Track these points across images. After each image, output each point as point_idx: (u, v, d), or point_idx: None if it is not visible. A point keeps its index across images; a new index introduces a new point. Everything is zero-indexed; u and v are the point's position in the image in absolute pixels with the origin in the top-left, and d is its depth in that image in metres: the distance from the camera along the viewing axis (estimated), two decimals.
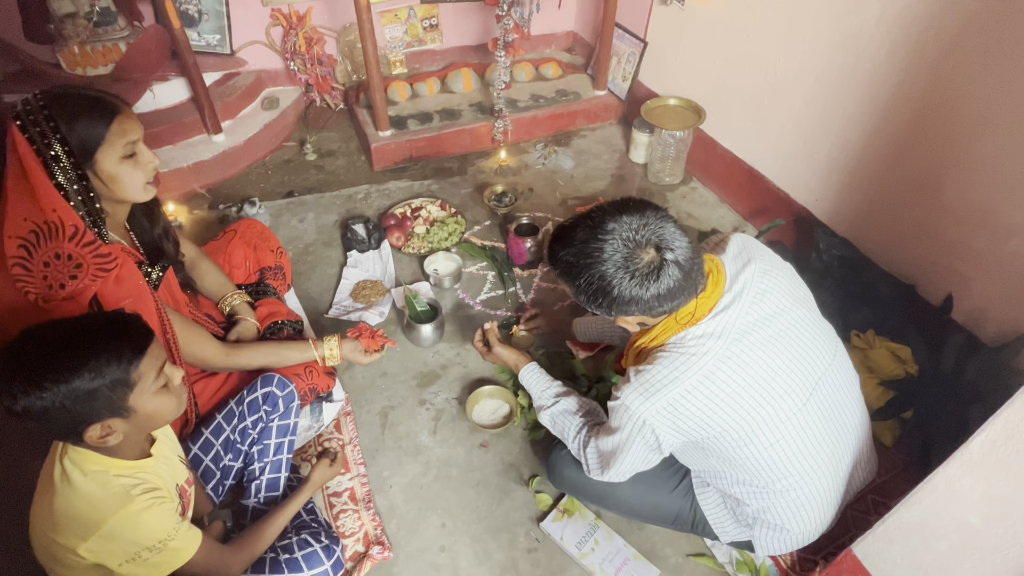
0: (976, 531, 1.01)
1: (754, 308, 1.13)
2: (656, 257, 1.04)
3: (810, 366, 1.16)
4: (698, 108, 2.48)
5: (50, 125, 1.15)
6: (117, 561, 1.02)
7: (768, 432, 1.13)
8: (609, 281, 1.05)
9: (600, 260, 1.05)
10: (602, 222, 1.07)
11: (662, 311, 1.10)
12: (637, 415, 1.12)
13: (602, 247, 1.05)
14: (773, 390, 1.12)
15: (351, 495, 1.59)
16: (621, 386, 1.16)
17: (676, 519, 1.42)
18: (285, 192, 2.60)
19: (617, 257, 1.04)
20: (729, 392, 1.09)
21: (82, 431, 0.96)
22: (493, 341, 1.66)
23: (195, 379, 1.51)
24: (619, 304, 1.07)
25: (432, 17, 3.10)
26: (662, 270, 1.04)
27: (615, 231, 1.05)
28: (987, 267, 1.66)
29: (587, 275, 1.06)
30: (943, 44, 1.62)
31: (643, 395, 1.11)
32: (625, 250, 1.04)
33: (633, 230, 1.05)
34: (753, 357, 1.11)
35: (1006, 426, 0.89)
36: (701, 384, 1.09)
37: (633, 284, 1.04)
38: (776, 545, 1.34)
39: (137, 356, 0.98)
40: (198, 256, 1.70)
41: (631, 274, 1.04)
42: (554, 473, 1.51)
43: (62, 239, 1.15)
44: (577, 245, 1.08)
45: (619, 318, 1.14)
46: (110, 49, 2.49)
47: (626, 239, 1.04)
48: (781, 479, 1.19)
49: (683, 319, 1.12)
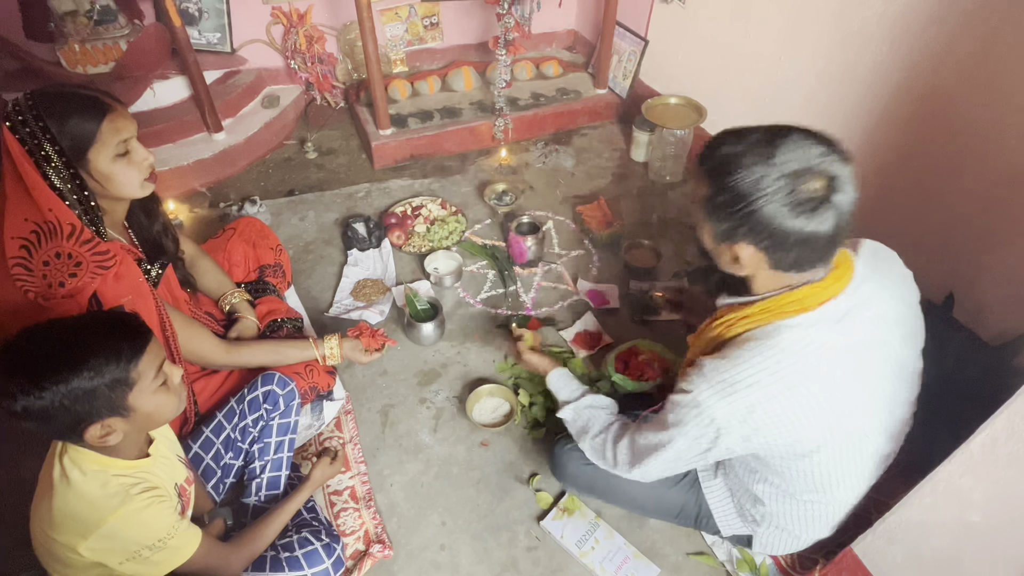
0: (977, 530, 1.01)
1: (865, 329, 1.04)
2: (822, 190, 0.92)
3: (889, 406, 1.12)
4: (699, 107, 2.47)
5: (39, 125, 1.15)
6: (117, 560, 1.02)
7: (826, 454, 1.08)
8: (764, 189, 0.93)
9: (766, 163, 0.93)
10: (786, 132, 0.96)
11: (783, 262, 0.99)
12: (708, 415, 1.03)
13: (775, 152, 0.93)
14: (848, 419, 1.06)
15: (352, 493, 1.59)
16: (689, 377, 1.06)
17: (680, 512, 1.42)
18: (286, 190, 2.60)
19: (786, 168, 0.92)
20: (806, 408, 1.01)
21: (82, 431, 0.96)
22: (523, 349, 1.61)
23: (195, 377, 1.51)
24: (754, 222, 0.95)
25: (433, 15, 3.09)
26: (821, 207, 0.92)
27: (795, 144, 0.94)
28: (988, 265, 1.66)
29: (742, 174, 0.94)
30: (945, 42, 1.61)
31: (720, 393, 1.01)
32: (797, 166, 0.92)
33: (815, 153, 0.93)
34: (842, 380, 1.03)
35: (1007, 425, 0.89)
36: (782, 394, 1.00)
37: (785, 204, 0.92)
38: (777, 546, 1.34)
39: (136, 355, 0.98)
40: (198, 254, 1.69)
41: (789, 193, 0.92)
42: (558, 467, 1.50)
43: (61, 238, 1.15)
44: (748, 142, 0.96)
45: (727, 245, 1.02)
46: (110, 47, 2.49)
47: (803, 157, 0.93)
48: (814, 492, 1.17)
49: (788, 304, 1.02)
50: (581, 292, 2.15)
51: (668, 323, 2.04)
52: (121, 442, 1.02)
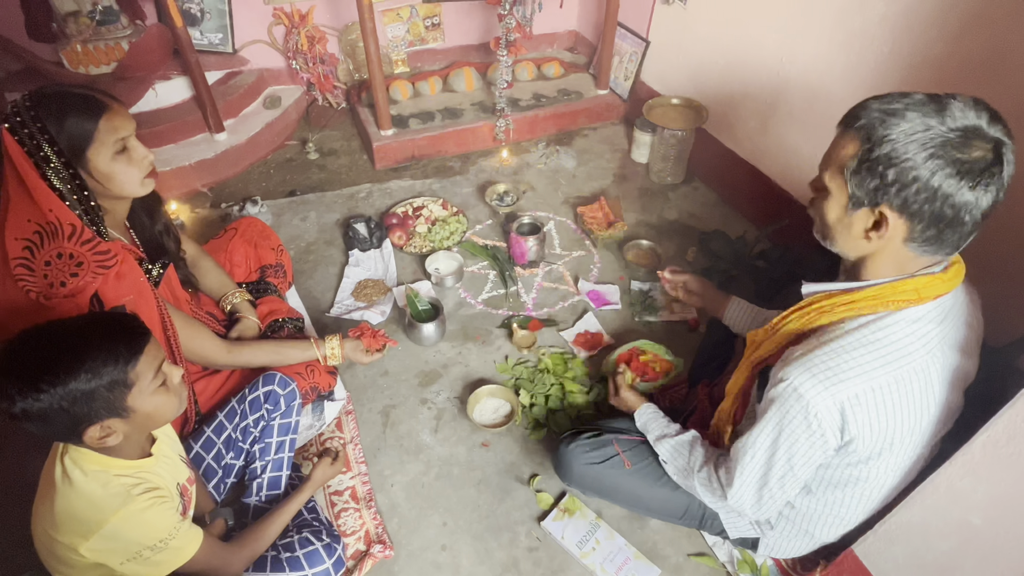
0: (978, 531, 1.01)
1: (958, 332, 1.00)
2: (990, 156, 0.84)
3: (947, 414, 1.07)
4: (700, 107, 2.48)
5: (37, 127, 1.15)
6: (118, 560, 1.02)
7: (894, 461, 1.06)
8: (931, 141, 0.84)
9: (932, 116, 0.85)
10: (951, 95, 0.88)
11: (925, 236, 0.91)
12: (811, 406, 0.97)
13: (942, 107, 0.86)
14: (923, 422, 1.02)
15: (352, 494, 1.59)
16: (786, 368, 0.99)
17: (685, 513, 1.41)
18: (287, 191, 2.61)
19: (954, 123, 0.85)
20: (903, 406, 0.97)
21: (81, 432, 0.96)
22: (622, 383, 1.57)
23: (196, 377, 1.51)
24: (911, 179, 0.86)
25: (434, 16, 3.10)
26: (989, 173, 0.84)
27: (965, 104, 0.86)
28: (990, 267, 1.66)
29: (904, 126, 0.86)
30: (946, 44, 1.61)
31: (823, 382, 0.95)
32: (967, 123, 0.85)
33: (983, 119, 0.85)
34: (934, 382, 0.98)
35: (1008, 426, 0.89)
36: (889, 388, 0.95)
37: (950, 165, 0.84)
38: (786, 548, 1.34)
39: (134, 356, 0.98)
40: (199, 254, 1.70)
41: (957, 150, 0.84)
42: (563, 467, 1.49)
43: (62, 238, 1.16)
44: (910, 100, 0.88)
45: (868, 210, 0.93)
46: (112, 48, 2.49)
47: (974, 117, 0.85)
48: (858, 496, 1.15)
49: (904, 292, 0.95)
50: (582, 293, 2.15)
51: (670, 324, 2.04)
52: (123, 442, 1.02)
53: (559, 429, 1.70)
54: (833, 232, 1.02)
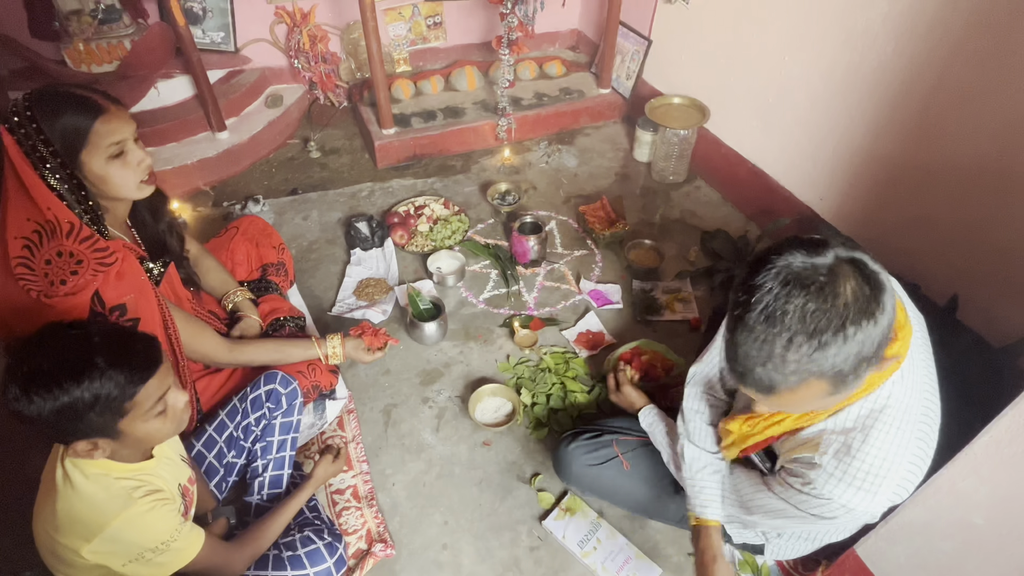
0: (980, 532, 1.01)
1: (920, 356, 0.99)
2: (871, 291, 0.79)
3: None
4: (702, 107, 2.47)
5: (33, 127, 1.15)
6: (120, 562, 1.02)
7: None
8: (871, 336, 0.79)
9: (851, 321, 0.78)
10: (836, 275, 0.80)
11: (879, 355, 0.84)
12: (868, 512, 0.95)
13: (836, 299, 0.78)
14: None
15: (354, 492, 1.59)
16: (814, 475, 0.95)
17: (683, 518, 1.41)
18: (289, 190, 2.61)
19: (856, 305, 0.79)
20: (930, 446, 0.96)
21: (69, 442, 0.97)
22: (624, 380, 1.57)
23: (198, 376, 1.51)
24: (875, 350, 0.81)
25: (436, 15, 3.09)
26: (879, 304, 0.79)
27: (836, 276, 0.80)
28: (993, 267, 1.66)
29: (838, 344, 0.79)
30: (950, 42, 1.61)
31: (870, 491, 0.92)
32: (861, 296, 0.79)
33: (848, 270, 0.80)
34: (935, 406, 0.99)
35: (1010, 427, 0.89)
36: (917, 449, 0.94)
37: (882, 324, 0.79)
38: (791, 552, 1.34)
39: (135, 387, 0.96)
40: (201, 253, 1.70)
41: (878, 315, 0.79)
42: (562, 467, 1.50)
43: (61, 237, 1.16)
44: (812, 317, 0.79)
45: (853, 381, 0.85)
46: (115, 46, 2.49)
47: (853, 290, 0.79)
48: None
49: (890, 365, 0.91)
50: (584, 292, 2.15)
51: (671, 323, 2.04)
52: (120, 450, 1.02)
53: (560, 428, 1.70)
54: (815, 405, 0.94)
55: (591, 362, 1.91)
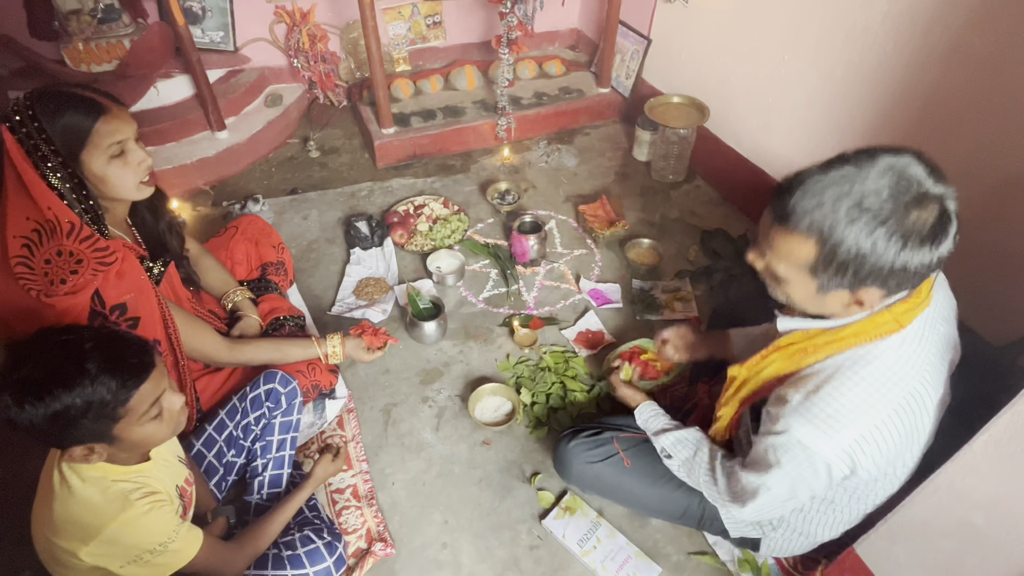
0: (979, 530, 1.01)
1: (939, 340, 0.99)
2: (936, 216, 0.85)
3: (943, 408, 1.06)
4: (702, 106, 2.47)
5: (35, 126, 1.15)
6: (118, 564, 1.02)
7: (895, 475, 1.07)
8: (891, 237, 0.84)
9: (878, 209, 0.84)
10: (873, 157, 0.87)
11: (902, 288, 0.91)
12: (818, 456, 0.98)
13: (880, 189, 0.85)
14: (926, 438, 1.03)
15: (354, 492, 1.59)
16: (783, 414, 0.99)
17: (684, 513, 1.41)
18: (289, 189, 2.61)
19: (900, 203, 0.84)
20: (907, 429, 0.97)
21: (65, 448, 0.97)
22: (617, 383, 1.55)
23: (198, 375, 1.52)
24: (883, 270, 0.87)
25: (436, 14, 3.09)
26: (940, 234, 0.85)
27: (891, 169, 0.85)
28: (992, 266, 1.66)
29: (858, 227, 0.85)
30: (950, 40, 1.61)
31: (827, 432, 0.95)
32: (909, 198, 0.85)
33: (925, 178, 0.86)
34: (929, 397, 0.98)
35: (1010, 425, 0.89)
36: (890, 419, 0.95)
37: (914, 245, 0.85)
38: (787, 548, 1.34)
39: (128, 392, 0.96)
40: (200, 252, 1.70)
41: (909, 232, 0.84)
42: (563, 466, 1.49)
43: (61, 236, 1.16)
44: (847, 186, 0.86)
45: (844, 292, 0.93)
46: (114, 46, 2.49)
47: (908, 185, 0.85)
48: (859, 503, 1.16)
49: (885, 323, 0.94)
50: (583, 291, 2.15)
51: (671, 322, 2.03)
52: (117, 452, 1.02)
53: (560, 427, 1.70)
54: (804, 306, 1.01)
55: (591, 361, 1.91)
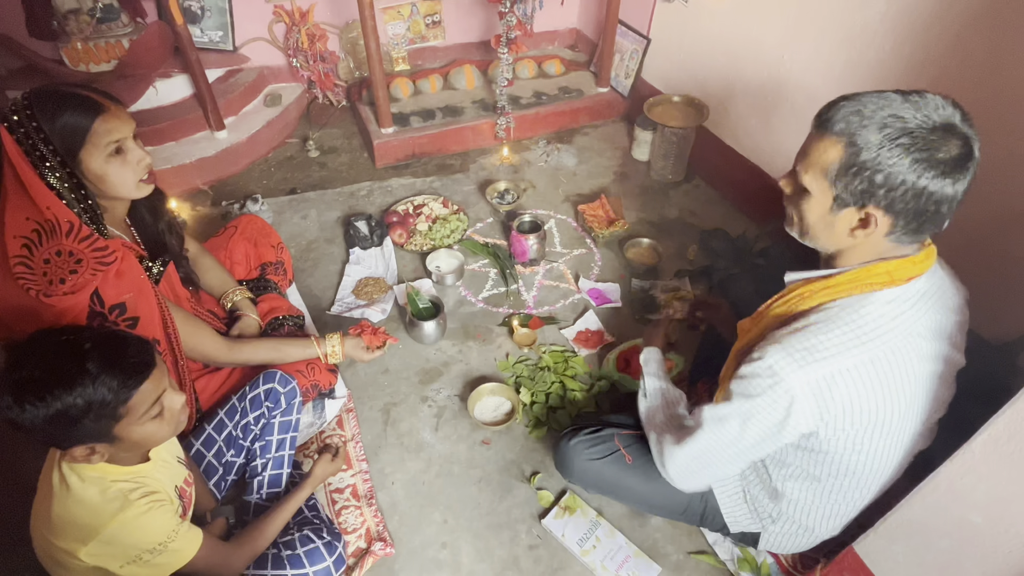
0: (978, 530, 1.01)
1: (934, 316, 1.01)
2: (963, 152, 0.88)
3: (931, 401, 1.08)
4: (701, 105, 2.47)
5: (33, 126, 1.15)
6: (118, 564, 1.02)
7: (878, 436, 1.06)
8: (912, 145, 0.87)
9: (911, 118, 0.88)
10: (922, 92, 0.91)
11: (908, 227, 0.94)
12: (784, 385, 0.98)
13: (919, 106, 0.89)
14: (905, 404, 1.03)
15: (353, 491, 1.59)
16: (764, 347, 1.01)
17: (686, 510, 1.41)
18: (288, 189, 2.61)
19: (930, 122, 0.88)
20: (880, 387, 0.99)
21: (66, 448, 0.97)
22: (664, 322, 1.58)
23: (197, 375, 1.52)
24: (898, 182, 0.89)
25: (435, 14, 3.09)
26: (966, 166, 0.88)
27: (936, 103, 0.89)
28: (991, 265, 1.66)
29: (888, 131, 0.88)
30: (948, 40, 1.61)
31: (797, 362, 0.97)
32: (942, 122, 0.88)
33: (957, 117, 0.89)
34: (911, 362, 1.00)
35: (1009, 424, 0.89)
36: (864, 367, 0.97)
37: (933, 165, 0.88)
38: (786, 543, 1.34)
39: (129, 391, 0.96)
40: (199, 252, 1.70)
41: (937, 151, 0.87)
42: (564, 463, 1.49)
43: (60, 236, 1.16)
44: (886, 99, 0.91)
45: (854, 210, 0.96)
46: (113, 45, 2.49)
47: (946, 115, 0.88)
48: (850, 484, 1.15)
49: (879, 275, 0.98)
50: (583, 291, 2.15)
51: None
52: (116, 453, 1.02)
53: (560, 427, 1.70)
54: (814, 230, 1.05)
55: (590, 360, 1.92)
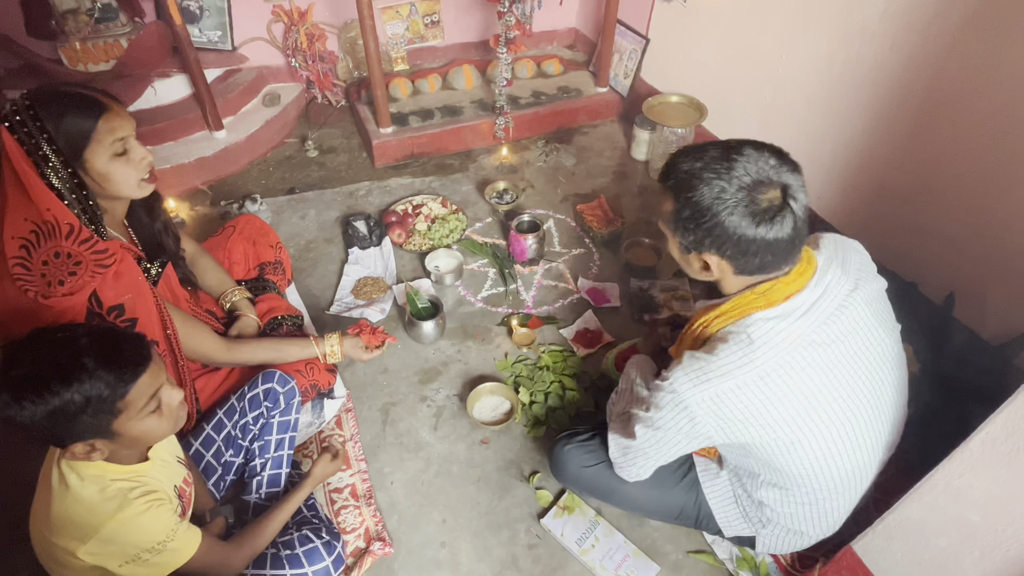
0: (976, 528, 1.01)
1: (830, 323, 1.08)
2: (779, 199, 1.00)
3: (874, 393, 1.14)
4: (700, 105, 2.47)
5: (36, 126, 1.15)
6: (116, 563, 1.02)
7: (811, 444, 1.11)
8: (725, 202, 1.00)
9: (725, 177, 1.00)
10: (739, 147, 1.03)
11: (748, 267, 1.06)
12: (681, 401, 1.09)
13: (732, 166, 1.01)
14: (828, 408, 1.09)
15: (352, 491, 1.59)
16: (672, 368, 1.12)
17: (680, 513, 1.42)
18: (287, 189, 2.60)
19: (744, 180, 1.00)
20: (780, 398, 1.06)
21: (66, 445, 0.97)
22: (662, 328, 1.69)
23: (196, 375, 1.51)
24: (718, 233, 1.03)
25: (434, 13, 3.09)
26: (780, 214, 0.99)
27: (750, 157, 1.01)
28: (989, 265, 1.66)
29: (704, 189, 1.02)
30: (947, 40, 1.61)
31: (692, 382, 1.08)
32: (752, 179, 1.00)
33: (768, 165, 1.01)
34: (815, 370, 1.07)
35: (1006, 424, 0.89)
36: (754, 383, 1.06)
37: (746, 215, 0.99)
38: (782, 546, 1.34)
39: (126, 385, 0.96)
40: (198, 252, 1.70)
41: (748, 205, 0.99)
42: (558, 468, 1.50)
43: (59, 238, 1.15)
44: (706, 159, 1.04)
45: (696, 255, 1.10)
46: (111, 45, 2.49)
47: (758, 170, 1.00)
48: (810, 486, 1.18)
49: (754, 300, 1.08)
50: (582, 290, 2.15)
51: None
52: (116, 451, 1.02)
53: (558, 427, 1.70)
54: (681, 267, 1.19)
55: (589, 360, 1.92)
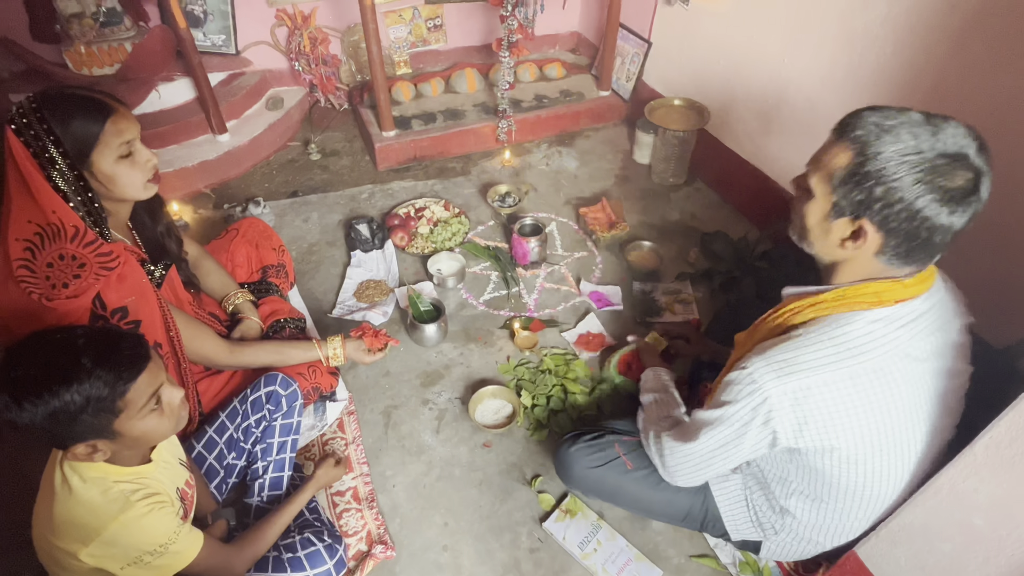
0: (980, 533, 1.01)
1: (931, 339, 1.02)
2: (972, 183, 0.88)
3: (934, 423, 1.08)
4: (702, 108, 2.47)
5: (43, 128, 1.16)
6: (118, 565, 1.02)
7: (870, 456, 1.06)
8: (918, 165, 0.88)
9: (925, 139, 0.88)
10: (944, 116, 0.92)
11: (899, 250, 0.95)
12: (762, 393, 1.01)
13: (937, 131, 0.89)
14: (897, 424, 1.04)
15: (354, 494, 1.59)
16: (750, 357, 1.04)
17: (687, 516, 1.41)
18: (289, 192, 2.61)
19: (948, 148, 0.88)
20: (864, 404, 1.00)
21: (67, 447, 0.97)
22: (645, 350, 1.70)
23: (199, 377, 1.52)
24: (895, 198, 0.90)
25: (436, 17, 3.10)
26: (967, 200, 0.89)
27: (957, 128, 0.90)
28: (993, 268, 1.66)
29: (897, 146, 0.89)
30: (949, 44, 1.61)
31: (775, 372, 1.00)
32: (954, 151, 0.88)
33: (971, 144, 0.89)
34: (900, 384, 1.00)
35: (1010, 428, 0.89)
36: (843, 382, 0.98)
37: (935, 190, 0.88)
38: (788, 553, 1.34)
39: (125, 384, 0.96)
40: (201, 255, 1.70)
41: (943, 175, 0.88)
42: (563, 469, 1.49)
43: (64, 240, 1.16)
44: (903, 118, 0.91)
45: (848, 220, 0.97)
46: (116, 49, 2.50)
47: (962, 145, 0.89)
48: (852, 507, 1.15)
49: (866, 295, 0.99)
50: (584, 294, 2.15)
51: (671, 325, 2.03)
52: (119, 452, 1.02)
53: (561, 430, 1.70)
54: (810, 235, 1.07)
55: (591, 364, 1.91)
